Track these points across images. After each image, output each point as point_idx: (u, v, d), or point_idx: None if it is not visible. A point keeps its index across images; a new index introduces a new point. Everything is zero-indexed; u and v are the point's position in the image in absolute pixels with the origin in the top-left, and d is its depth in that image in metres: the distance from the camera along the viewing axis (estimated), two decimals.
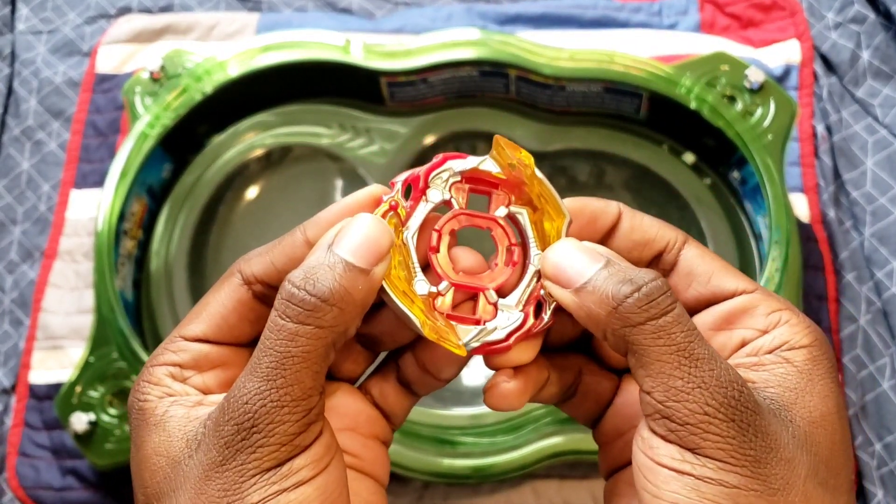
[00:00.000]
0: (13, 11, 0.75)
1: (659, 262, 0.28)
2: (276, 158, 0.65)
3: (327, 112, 0.65)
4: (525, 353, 0.27)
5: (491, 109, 0.64)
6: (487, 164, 0.27)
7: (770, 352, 0.26)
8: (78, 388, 0.54)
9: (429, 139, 0.64)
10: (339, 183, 0.64)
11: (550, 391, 0.29)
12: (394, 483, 0.56)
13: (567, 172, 0.64)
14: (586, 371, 0.29)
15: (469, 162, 0.27)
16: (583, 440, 0.53)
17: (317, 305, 0.24)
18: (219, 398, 0.26)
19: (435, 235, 0.27)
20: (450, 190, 0.27)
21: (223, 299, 0.27)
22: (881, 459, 0.53)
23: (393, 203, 0.26)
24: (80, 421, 0.53)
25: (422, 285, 0.26)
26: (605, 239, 0.28)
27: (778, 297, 0.27)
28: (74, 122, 0.68)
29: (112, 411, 0.54)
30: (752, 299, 0.26)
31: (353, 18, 0.71)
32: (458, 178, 0.27)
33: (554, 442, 0.53)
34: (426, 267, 0.27)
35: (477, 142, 0.65)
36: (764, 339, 0.26)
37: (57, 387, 0.59)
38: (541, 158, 0.63)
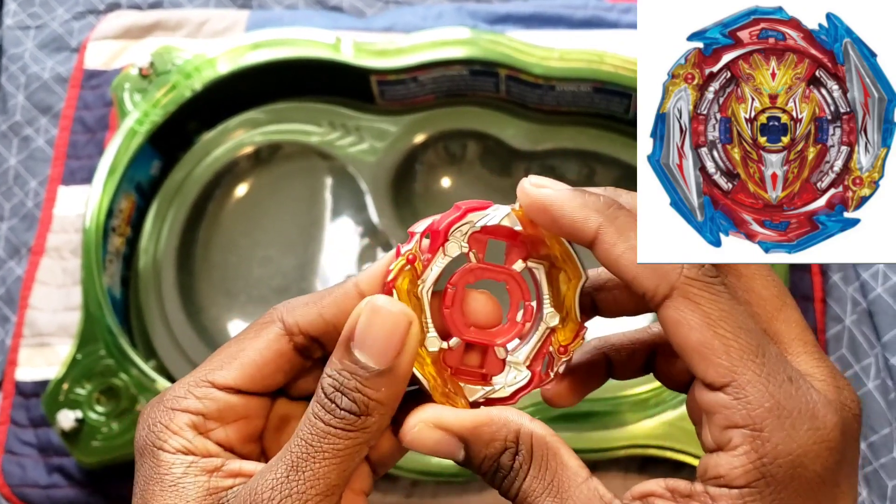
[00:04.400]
0: (1, 6, 0.74)
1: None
2: (265, 156, 0.65)
3: (317, 110, 0.65)
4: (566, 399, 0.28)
5: (481, 108, 0.64)
6: (508, 220, 0.27)
7: (705, 481, 0.22)
8: (65, 386, 0.54)
9: (419, 138, 0.64)
10: (328, 181, 0.64)
11: None
12: (383, 481, 0.56)
13: (556, 172, 0.64)
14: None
15: (491, 217, 0.26)
16: (570, 438, 0.53)
17: (350, 420, 0.24)
18: (239, 465, 0.25)
19: (450, 290, 0.27)
20: (468, 242, 0.27)
21: (261, 348, 0.26)
22: (865, 458, 0.53)
23: (410, 256, 0.26)
24: (66, 418, 0.53)
25: (433, 342, 0.26)
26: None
27: (763, 396, 0.21)
28: (62, 119, 0.67)
29: (99, 409, 0.54)
30: (714, 402, 0.22)
31: (343, 16, 0.71)
32: (478, 229, 0.27)
33: None
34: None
35: (467, 140, 0.65)
36: (706, 460, 0.22)
37: (44, 384, 0.59)
38: (530, 158, 0.64)
